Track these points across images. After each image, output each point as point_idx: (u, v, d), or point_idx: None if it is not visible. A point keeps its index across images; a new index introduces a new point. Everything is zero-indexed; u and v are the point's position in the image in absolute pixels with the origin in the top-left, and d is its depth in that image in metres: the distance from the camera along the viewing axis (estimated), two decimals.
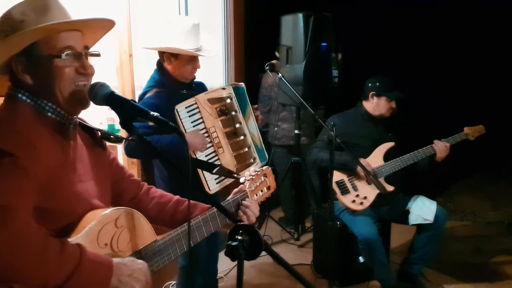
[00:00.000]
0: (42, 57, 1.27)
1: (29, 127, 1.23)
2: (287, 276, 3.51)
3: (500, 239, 4.29)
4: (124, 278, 1.23)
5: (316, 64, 3.75)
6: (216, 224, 1.61)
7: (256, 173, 1.85)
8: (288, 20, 3.82)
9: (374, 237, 3.10)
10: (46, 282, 1.10)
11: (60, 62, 1.27)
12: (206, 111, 2.44)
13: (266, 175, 1.90)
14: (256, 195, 1.82)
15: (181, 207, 1.66)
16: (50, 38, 1.27)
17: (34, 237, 1.10)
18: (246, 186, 1.77)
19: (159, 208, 1.65)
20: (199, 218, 1.55)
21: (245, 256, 1.15)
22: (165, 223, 1.64)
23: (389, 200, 3.29)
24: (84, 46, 1.34)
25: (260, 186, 1.85)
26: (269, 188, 1.90)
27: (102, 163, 1.50)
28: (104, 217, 1.30)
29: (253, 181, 1.81)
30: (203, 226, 1.56)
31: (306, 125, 4.36)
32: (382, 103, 3.31)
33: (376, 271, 3.21)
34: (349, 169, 3.19)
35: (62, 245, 1.14)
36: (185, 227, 1.48)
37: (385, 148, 3.29)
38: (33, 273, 1.08)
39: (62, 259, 1.12)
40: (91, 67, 1.34)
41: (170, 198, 1.69)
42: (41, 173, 1.19)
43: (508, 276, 3.53)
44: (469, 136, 3.34)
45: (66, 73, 1.28)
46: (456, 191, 5.77)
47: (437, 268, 3.54)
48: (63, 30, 1.28)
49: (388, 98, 3.28)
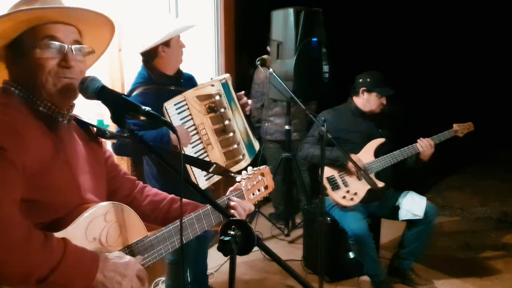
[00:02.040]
0: (26, 48, 1.26)
1: (18, 120, 1.21)
2: (277, 271, 3.52)
3: (488, 235, 4.33)
4: (109, 273, 1.21)
5: (306, 60, 3.75)
6: (210, 222, 1.59)
7: (253, 172, 1.83)
8: (279, 15, 3.81)
9: (364, 233, 3.10)
10: (29, 274, 1.08)
11: (40, 53, 1.25)
12: (195, 108, 2.45)
13: (264, 174, 1.88)
14: (253, 194, 1.81)
15: (175, 206, 1.66)
16: (36, 29, 1.25)
17: (17, 228, 1.08)
18: (242, 185, 1.75)
19: (153, 206, 1.65)
20: (192, 215, 1.54)
21: (237, 251, 1.14)
22: (159, 221, 1.63)
23: (379, 196, 3.30)
24: (74, 40, 1.31)
25: (257, 185, 1.83)
26: (267, 188, 1.89)
27: (97, 159, 1.50)
28: (93, 211, 1.29)
29: (250, 180, 1.80)
30: (196, 223, 1.54)
31: (297, 120, 4.35)
32: (373, 99, 3.31)
33: (366, 266, 3.22)
34: (339, 165, 3.19)
35: (45, 237, 1.13)
36: (177, 223, 1.47)
37: (376, 144, 3.29)
38: (15, 264, 1.06)
39: (45, 251, 1.10)
40: (75, 61, 1.29)
41: (165, 197, 1.69)
42: (29, 165, 1.18)
43: (496, 271, 3.56)
44: (458, 133, 3.36)
45: (47, 65, 1.26)
46: (445, 187, 5.82)
47: (426, 263, 3.56)
48: (51, 21, 1.26)
49: (378, 94, 3.28)
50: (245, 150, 2.64)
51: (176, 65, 2.64)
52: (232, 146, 2.57)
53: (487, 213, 4.92)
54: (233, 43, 4.18)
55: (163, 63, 2.57)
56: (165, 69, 2.59)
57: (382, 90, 3.27)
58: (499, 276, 3.48)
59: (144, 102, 2.36)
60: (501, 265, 3.64)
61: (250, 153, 2.68)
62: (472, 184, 5.90)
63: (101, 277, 1.19)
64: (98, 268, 1.19)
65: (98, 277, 1.19)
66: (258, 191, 1.84)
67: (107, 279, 1.20)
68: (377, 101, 3.30)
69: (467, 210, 5.03)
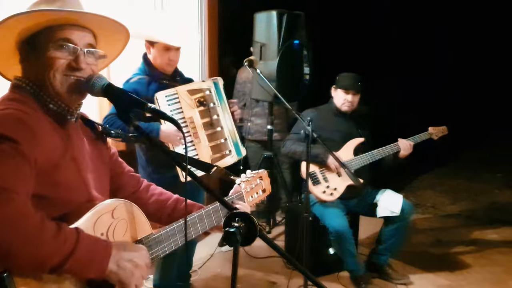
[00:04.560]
0: (40, 46, 1.30)
1: (30, 115, 1.24)
2: (260, 268, 3.60)
3: (458, 231, 4.52)
4: (123, 263, 1.24)
5: (288, 61, 3.83)
6: (211, 222, 1.61)
7: (252, 175, 1.87)
8: (262, 17, 3.87)
9: (345, 229, 3.21)
10: (42, 263, 1.11)
11: (53, 53, 1.29)
12: (185, 102, 2.55)
13: (262, 178, 1.92)
14: (252, 196, 1.84)
15: (180, 206, 1.68)
16: (53, 31, 1.29)
17: (30, 218, 1.11)
18: (242, 187, 1.78)
19: (158, 205, 1.67)
20: (195, 215, 1.56)
21: (241, 242, 1.21)
22: (163, 220, 1.65)
23: (358, 193, 3.43)
24: (88, 44, 1.35)
25: (255, 188, 1.86)
26: (264, 191, 1.92)
27: (102, 157, 1.52)
28: (101, 207, 1.32)
29: (249, 183, 1.83)
30: (198, 222, 1.56)
31: (278, 120, 4.44)
32: (338, 95, 3.46)
33: (346, 261, 3.34)
34: (320, 161, 3.31)
35: (58, 227, 1.15)
36: (180, 222, 1.49)
37: (355, 143, 3.42)
38: (29, 253, 1.09)
39: (58, 240, 1.13)
40: (85, 63, 1.34)
41: (170, 196, 1.71)
42: (40, 160, 1.20)
43: (467, 265, 3.73)
44: (433, 136, 3.52)
45: (57, 64, 1.30)
46: (418, 186, 6.03)
47: (401, 258, 3.70)
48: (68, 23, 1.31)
49: (341, 89, 3.42)
50: (232, 147, 2.72)
51: (163, 66, 2.69)
52: (219, 140, 2.66)
53: (457, 210, 5.15)
54: (217, 43, 4.24)
55: (153, 60, 2.67)
56: (157, 66, 2.68)
57: (344, 84, 3.41)
58: (469, 270, 3.66)
59: (136, 88, 2.54)
60: (471, 260, 3.81)
61: (237, 152, 2.75)
62: (443, 183, 6.13)
63: (114, 266, 1.22)
64: (110, 256, 1.22)
65: (111, 266, 1.21)
66: (256, 194, 1.87)
67: (120, 268, 1.23)
68: (342, 97, 3.43)
69: (439, 208, 5.24)
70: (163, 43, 2.61)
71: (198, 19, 4.05)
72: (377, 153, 3.37)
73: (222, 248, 3.75)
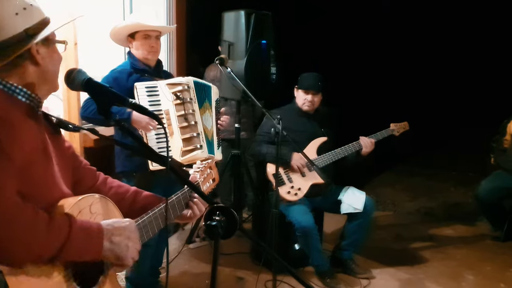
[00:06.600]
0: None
1: (6, 110, 1.21)
2: (227, 264, 3.64)
3: (417, 227, 4.71)
4: (115, 238, 1.27)
5: (256, 61, 3.88)
6: (176, 213, 1.64)
7: (203, 165, 1.91)
8: (230, 16, 3.89)
9: (310, 225, 3.30)
10: (39, 256, 1.12)
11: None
12: (164, 95, 2.63)
13: (211, 168, 1.96)
14: (205, 186, 1.88)
15: (140, 197, 1.68)
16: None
17: (21, 214, 1.11)
18: (197, 177, 1.81)
19: (118, 198, 1.64)
20: (155, 210, 1.54)
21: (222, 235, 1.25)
22: (123, 212, 1.61)
23: (322, 191, 3.52)
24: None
25: (207, 178, 1.91)
26: (214, 180, 1.97)
27: (63, 150, 1.49)
28: (80, 203, 1.32)
29: (202, 172, 1.87)
30: (159, 217, 1.55)
31: (245, 119, 4.48)
32: (300, 96, 3.55)
33: (311, 257, 3.42)
34: (283, 162, 3.38)
35: (50, 217, 1.16)
36: (145, 217, 1.48)
37: (319, 143, 3.51)
38: (25, 249, 1.09)
39: (52, 231, 1.14)
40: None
41: (128, 188, 1.70)
42: (20, 157, 1.19)
43: (425, 259, 3.90)
44: (395, 132, 3.62)
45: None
46: (378, 183, 6.21)
47: (364, 254, 3.81)
48: None
49: (302, 89, 3.51)
50: (205, 143, 2.75)
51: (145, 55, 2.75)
52: (191, 133, 2.70)
53: (415, 207, 5.34)
54: (185, 41, 4.24)
55: (136, 52, 2.75)
56: (141, 58, 2.75)
57: (304, 84, 3.51)
58: (427, 264, 3.83)
59: (116, 76, 2.64)
60: (429, 255, 3.99)
61: (209, 150, 2.79)
62: (402, 181, 6.35)
63: (108, 244, 1.24)
64: (104, 236, 1.24)
65: (106, 244, 1.24)
66: (208, 183, 1.91)
67: (115, 245, 1.26)
68: (302, 97, 3.53)
69: (398, 205, 5.43)
70: (143, 32, 2.69)
71: (165, 18, 4.05)
72: (339, 152, 3.46)
73: (190, 245, 3.77)
